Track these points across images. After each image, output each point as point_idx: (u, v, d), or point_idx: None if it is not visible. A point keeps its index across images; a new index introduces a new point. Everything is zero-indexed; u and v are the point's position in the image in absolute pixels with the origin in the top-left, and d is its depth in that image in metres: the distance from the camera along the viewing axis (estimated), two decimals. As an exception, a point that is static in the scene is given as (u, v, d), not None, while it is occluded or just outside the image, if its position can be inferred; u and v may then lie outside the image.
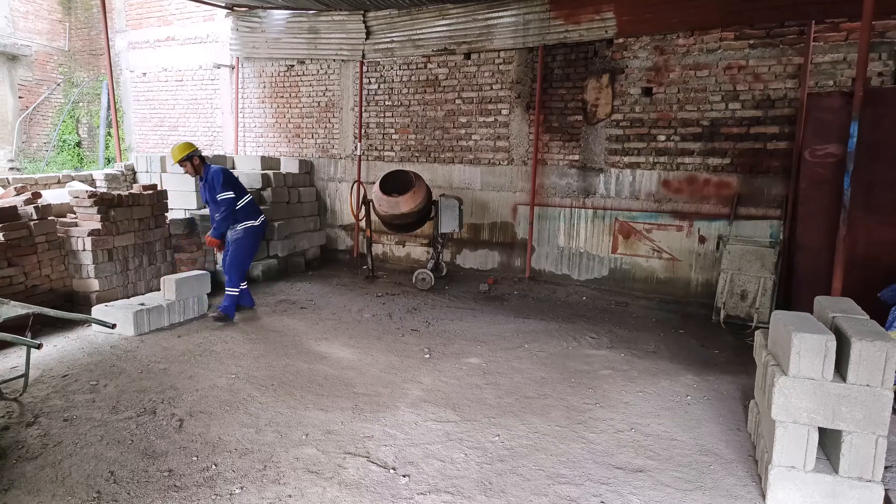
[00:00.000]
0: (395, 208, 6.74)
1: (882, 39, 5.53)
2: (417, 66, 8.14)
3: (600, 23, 6.79)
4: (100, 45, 12.12)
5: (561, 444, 3.47)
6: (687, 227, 6.63)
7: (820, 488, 2.82)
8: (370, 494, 2.92)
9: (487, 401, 4.03)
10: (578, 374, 4.53)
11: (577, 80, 7.13)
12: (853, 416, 2.72)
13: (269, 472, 3.09)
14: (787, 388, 2.81)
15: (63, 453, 3.23)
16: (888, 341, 2.66)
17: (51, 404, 3.80)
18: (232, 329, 5.41)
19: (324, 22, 8.54)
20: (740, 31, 6.17)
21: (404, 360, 4.75)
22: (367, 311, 6.12)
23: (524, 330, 5.61)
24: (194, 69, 10.34)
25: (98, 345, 4.90)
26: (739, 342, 5.41)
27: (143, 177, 7.96)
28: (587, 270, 7.33)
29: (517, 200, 7.69)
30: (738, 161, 6.32)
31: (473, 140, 7.91)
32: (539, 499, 2.92)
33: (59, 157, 12.29)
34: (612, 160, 7.02)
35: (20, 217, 5.21)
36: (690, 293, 6.67)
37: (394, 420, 3.71)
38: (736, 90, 6.27)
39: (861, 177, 5.00)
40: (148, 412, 3.73)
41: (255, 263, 7.36)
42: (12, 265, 5.05)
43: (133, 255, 6.00)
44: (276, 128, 9.49)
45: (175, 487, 2.93)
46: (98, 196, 5.66)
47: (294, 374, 4.41)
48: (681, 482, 3.09)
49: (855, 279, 5.10)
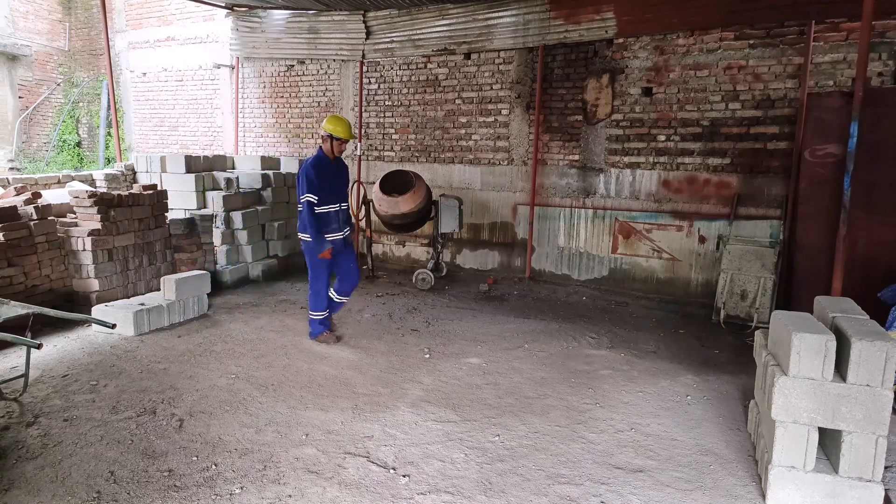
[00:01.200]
0: (395, 208, 6.74)
1: (882, 39, 5.53)
2: (417, 66, 8.14)
3: (600, 23, 6.79)
4: (100, 45, 12.11)
5: (561, 444, 3.47)
6: (687, 227, 6.64)
7: (820, 488, 2.82)
8: (370, 494, 2.92)
9: (487, 401, 4.03)
10: (578, 374, 4.53)
11: (577, 80, 7.13)
12: (853, 416, 2.72)
13: (269, 472, 3.09)
14: (787, 388, 2.81)
15: (63, 453, 3.22)
16: (888, 341, 2.66)
17: (51, 404, 3.79)
18: (232, 329, 5.41)
19: (324, 22, 8.54)
20: (740, 31, 6.17)
21: (404, 360, 4.75)
22: (367, 311, 6.12)
23: (524, 330, 5.60)
24: (194, 69, 10.34)
25: (98, 345, 4.90)
26: (739, 342, 5.40)
27: (143, 177, 7.94)
28: (587, 270, 7.33)
29: (517, 200, 7.69)
30: (738, 161, 6.32)
31: (473, 140, 7.91)
32: (539, 499, 2.92)
33: (59, 157, 12.29)
34: (612, 160, 7.02)
35: (20, 217, 5.21)
36: (690, 293, 6.67)
37: (394, 420, 3.71)
38: (736, 90, 6.27)
39: (861, 177, 4.99)
40: (148, 412, 3.73)
41: (255, 263, 7.36)
42: (12, 265, 5.05)
43: (133, 255, 6.00)
44: (276, 128, 9.49)
45: (175, 487, 2.93)
46: (98, 196, 5.65)
47: (294, 374, 4.41)
48: (681, 482, 3.09)
49: (855, 279, 5.10)
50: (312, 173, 4.71)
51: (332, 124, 4.80)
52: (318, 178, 4.73)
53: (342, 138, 4.85)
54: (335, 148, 4.88)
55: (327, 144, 4.86)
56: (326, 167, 4.85)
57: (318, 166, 4.79)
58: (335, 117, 4.86)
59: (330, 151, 4.89)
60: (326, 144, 4.87)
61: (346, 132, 4.84)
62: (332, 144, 4.85)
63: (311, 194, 4.70)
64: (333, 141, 4.83)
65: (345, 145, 4.92)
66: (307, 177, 4.71)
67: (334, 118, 4.85)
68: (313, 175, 4.72)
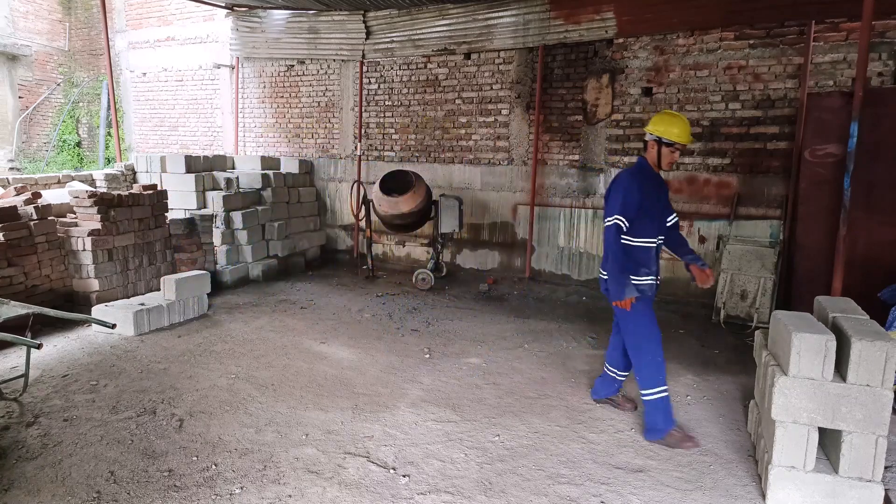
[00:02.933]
0: (396, 208, 6.74)
1: (882, 39, 5.53)
2: (417, 66, 8.14)
3: (600, 23, 6.79)
4: (100, 45, 12.12)
5: (561, 444, 3.47)
6: (687, 227, 6.63)
7: (820, 488, 2.82)
8: (370, 494, 2.92)
9: (487, 401, 4.03)
10: (578, 374, 4.53)
11: (577, 80, 7.13)
12: (853, 416, 2.72)
13: (269, 472, 3.09)
14: (787, 388, 2.81)
15: (63, 453, 3.22)
16: (888, 341, 2.66)
17: (51, 404, 3.79)
18: (232, 329, 5.41)
19: (324, 22, 8.54)
20: (740, 31, 6.17)
21: (404, 360, 4.75)
22: (367, 311, 6.12)
23: (524, 330, 5.60)
24: (194, 69, 10.34)
25: (98, 345, 4.90)
26: (739, 342, 5.40)
27: (143, 177, 7.95)
28: (587, 270, 7.32)
29: (517, 200, 7.68)
30: (738, 161, 6.32)
31: (473, 140, 7.91)
32: (539, 499, 2.92)
33: (59, 157, 12.29)
34: (612, 160, 7.02)
35: (20, 217, 5.21)
36: (690, 293, 6.66)
37: (394, 420, 3.71)
38: (736, 90, 6.27)
39: (861, 177, 4.99)
40: (148, 412, 3.73)
41: (255, 263, 7.35)
42: (12, 265, 5.05)
43: (133, 255, 6.00)
44: (276, 128, 9.49)
45: (175, 487, 2.93)
46: (98, 196, 5.65)
47: (294, 374, 4.40)
48: (681, 482, 3.09)
49: (855, 279, 5.10)
50: (635, 185, 3.41)
51: (663, 124, 3.46)
52: (641, 193, 3.40)
53: (676, 144, 3.44)
54: (664, 158, 3.49)
55: (653, 152, 3.51)
56: (652, 181, 3.51)
57: (643, 178, 3.47)
58: (668, 114, 3.50)
59: (655, 162, 3.53)
60: (652, 152, 3.51)
61: (683, 134, 3.43)
62: (661, 151, 3.47)
63: (622, 216, 3.38)
64: (663, 147, 3.46)
65: (678, 154, 3.52)
66: (625, 189, 3.40)
67: (667, 116, 3.49)
68: (636, 187, 3.39)
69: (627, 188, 3.40)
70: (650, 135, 3.51)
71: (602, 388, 3.95)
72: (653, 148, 3.51)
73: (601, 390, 3.96)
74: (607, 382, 3.92)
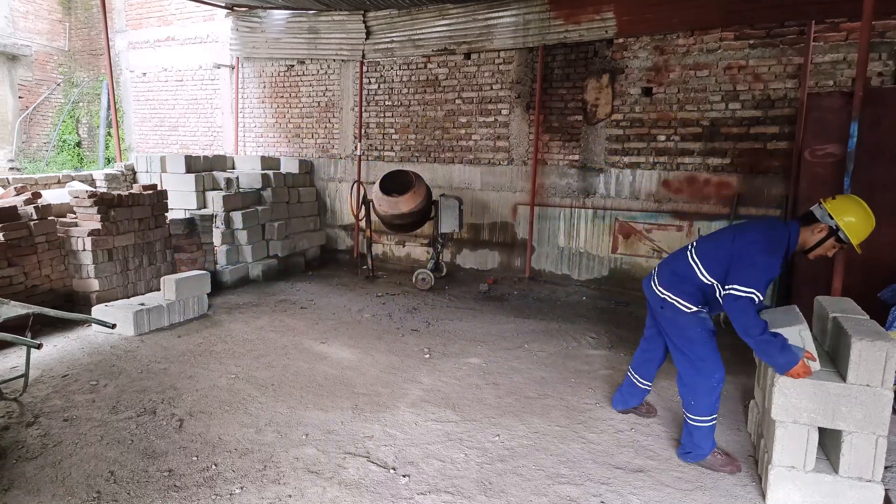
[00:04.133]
0: (395, 208, 6.74)
1: (882, 39, 5.53)
2: (417, 66, 8.14)
3: (600, 23, 6.79)
4: (100, 45, 12.12)
5: (561, 444, 3.47)
6: (687, 227, 6.63)
7: (820, 488, 2.82)
8: (370, 494, 2.92)
9: (487, 401, 4.03)
10: (578, 374, 4.53)
11: (577, 80, 7.13)
12: (853, 416, 2.72)
13: (269, 472, 3.09)
14: (787, 387, 2.81)
15: (63, 453, 3.22)
16: (888, 341, 2.66)
17: (51, 404, 3.79)
18: (232, 329, 5.41)
19: (324, 22, 8.54)
20: (740, 31, 6.17)
21: (404, 360, 4.75)
22: (367, 311, 6.12)
23: (524, 330, 5.60)
24: (194, 69, 10.34)
25: (98, 345, 4.90)
26: (739, 342, 5.38)
27: (143, 177, 7.95)
28: (587, 270, 7.32)
29: (517, 200, 7.69)
30: (738, 161, 6.32)
31: (473, 140, 7.91)
32: (539, 499, 2.92)
33: (59, 157, 12.29)
34: (612, 160, 7.02)
35: (20, 217, 5.21)
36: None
37: (394, 420, 3.71)
38: (736, 90, 6.27)
39: (861, 177, 4.99)
40: (148, 412, 3.73)
41: (255, 263, 7.35)
42: (12, 265, 5.05)
43: (133, 255, 6.00)
44: (276, 128, 9.49)
45: (175, 487, 2.93)
46: (98, 196, 5.65)
47: (294, 374, 4.40)
48: (681, 482, 3.09)
49: (855, 279, 5.10)
50: (777, 262, 2.93)
51: (856, 218, 2.94)
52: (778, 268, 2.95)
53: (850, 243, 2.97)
54: (822, 249, 3.03)
55: (816, 236, 3.01)
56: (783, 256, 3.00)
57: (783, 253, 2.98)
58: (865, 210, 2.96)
59: (806, 246, 3.05)
60: (814, 236, 3.01)
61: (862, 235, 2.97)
62: (826, 243, 3.01)
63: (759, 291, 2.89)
64: (832, 239, 2.99)
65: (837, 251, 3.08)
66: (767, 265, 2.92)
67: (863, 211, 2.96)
68: (776, 263, 2.93)
69: (771, 264, 2.92)
70: (829, 218, 2.95)
71: (630, 398, 3.80)
72: (820, 232, 2.99)
73: (629, 400, 3.81)
74: (636, 393, 3.76)
